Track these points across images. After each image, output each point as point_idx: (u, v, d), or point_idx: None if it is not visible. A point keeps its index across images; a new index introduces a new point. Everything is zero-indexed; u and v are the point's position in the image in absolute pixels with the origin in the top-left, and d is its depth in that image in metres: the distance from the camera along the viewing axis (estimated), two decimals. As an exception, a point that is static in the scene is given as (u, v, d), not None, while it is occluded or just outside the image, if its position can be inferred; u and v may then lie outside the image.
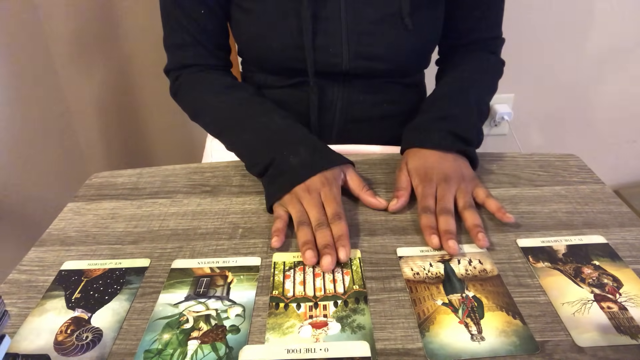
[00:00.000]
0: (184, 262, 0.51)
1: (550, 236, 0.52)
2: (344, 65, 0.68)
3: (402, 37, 0.67)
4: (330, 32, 0.66)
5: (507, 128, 1.48)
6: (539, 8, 1.29)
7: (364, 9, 0.66)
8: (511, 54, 0.77)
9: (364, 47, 0.67)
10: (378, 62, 0.69)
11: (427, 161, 0.60)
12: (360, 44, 0.67)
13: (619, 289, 0.45)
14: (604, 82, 1.42)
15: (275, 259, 0.51)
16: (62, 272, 0.50)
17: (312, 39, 0.66)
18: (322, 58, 0.68)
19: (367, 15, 0.66)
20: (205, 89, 0.71)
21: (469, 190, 0.57)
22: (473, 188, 0.58)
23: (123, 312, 0.45)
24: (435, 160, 0.60)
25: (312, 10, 0.65)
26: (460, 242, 0.52)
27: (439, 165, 0.59)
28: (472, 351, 0.40)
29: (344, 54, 0.67)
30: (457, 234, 0.52)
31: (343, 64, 0.68)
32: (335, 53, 0.67)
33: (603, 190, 0.60)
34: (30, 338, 0.43)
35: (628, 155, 1.55)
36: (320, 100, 0.72)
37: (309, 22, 0.65)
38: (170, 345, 0.41)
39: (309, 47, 0.66)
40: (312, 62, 0.67)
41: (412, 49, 0.70)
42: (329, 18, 0.66)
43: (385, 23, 0.66)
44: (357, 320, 0.43)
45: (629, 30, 1.34)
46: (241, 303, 0.45)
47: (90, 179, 0.67)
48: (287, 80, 0.73)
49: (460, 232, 0.53)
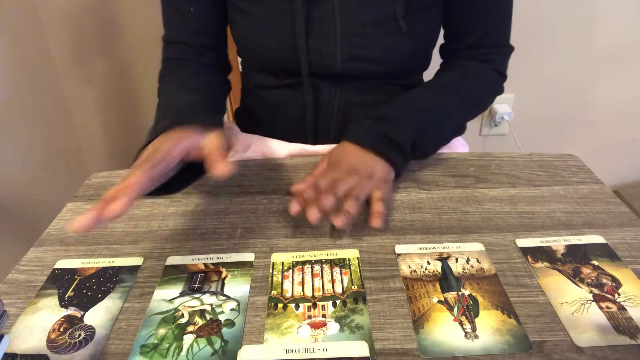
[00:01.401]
0: (178, 258, 0.51)
1: (549, 236, 0.52)
2: (338, 67, 0.68)
3: (396, 39, 0.67)
4: (325, 34, 0.66)
5: (507, 128, 1.48)
6: (539, 8, 1.29)
7: (358, 11, 0.66)
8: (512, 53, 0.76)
9: (357, 49, 0.67)
10: (372, 64, 0.69)
11: (343, 152, 0.60)
12: (354, 46, 0.67)
13: (617, 289, 0.45)
14: (604, 82, 1.42)
15: (273, 259, 0.51)
16: (56, 271, 0.50)
17: (305, 40, 0.66)
18: (315, 59, 0.68)
19: (361, 18, 0.66)
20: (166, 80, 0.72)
21: (367, 189, 0.56)
22: (373, 188, 0.56)
23: (116, 310, 0.45)
24: (352, 153, 0.60)
25: (306, 11, 0.65)
26: (459, 242, 0.52)
27: (351, 158, 0.59)
28: (465, 349, 0.40)
29: (337, 55, 0.68)
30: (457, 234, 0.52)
31: (337, 66, 0.68)
32: (329, 54, 0.68)
33: (602, 190, 0.60)
34: (23, 336, 0.43)
35: (628, 155, 1.55)
36: (316, 101, 0.72)
37: (302, 23, 0.65)
38: (166, 339, 0.42)
39: (303, 48, 0.66)
40: (306, 63, 0.68)
41: (407, 51, 0.70)
42: (323, 20, 0.66)
43: (379, 25, 0.66)
44: (355, 320, 0.43)
45: (629, 30, 1.34)
46: (236, 298, 0.46)
47: (90, 179, 0.67)
48: (284, 81, 0.73)
49: (460, 232, 0.53)
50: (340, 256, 0.51)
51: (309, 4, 0.65)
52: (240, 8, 0.69)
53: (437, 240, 0.52)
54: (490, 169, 0.65)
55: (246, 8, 0.68)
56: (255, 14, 0.68)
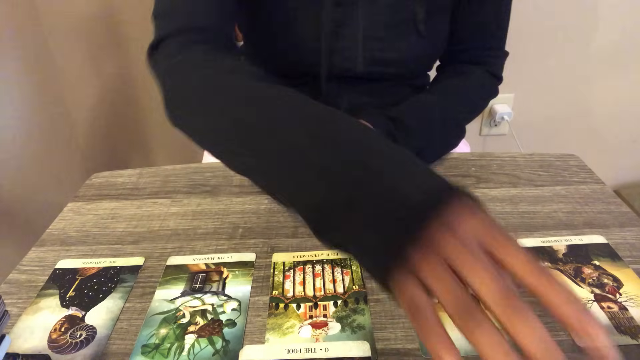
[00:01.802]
0: (179, 258, 0.51)
1: (551, 236, 0.52)
2: (358, 69, 0.68)
3: (415, 42, 0.67)
4: (348, 37, 0.66)
5: (507, 128, 1.48)
6: (539, 8, 1.29)
7: (380, 13, 0.65)
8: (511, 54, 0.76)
9: (378, 52, 0.67)
10: (390, 67, 0.69)
11: None
12: (375, 49, 0.67)
13: (619, 289, 0.45)
14: (604, 82, 1.42)
15: (274, 259, 0.51)
16: (57, 271, 0.50)
17: (329, 43, 0.65)
18: (337, 62, 0.67)
19: (383, 20, 0.66)
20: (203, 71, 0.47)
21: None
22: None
23: (117, 310, 0.45)
24: None
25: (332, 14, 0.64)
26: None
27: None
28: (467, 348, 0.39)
29: (358, 58, 0.67)
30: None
31: (357, 68, 0.68)
32: (350, 57, 0.67)
33: (603, 190, 0.60)
34: (24, 336, 0.43)
35: (628, 155, 1.55)
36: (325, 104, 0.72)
37: (329, 26, 0.64)
38: (168, 339, 0.42)
39: (326, 50, 0.66)
40: (327, 66, 0.67)
41: (424, 54, 0.70)
42: (347, 23, 0.65)
43: (399, 28, 0.66)
44: (357, 320, 0.43)
45: (629, 30, 1.34)
46: (237, 297, 0.46)
47: (90, 179, 0.67)
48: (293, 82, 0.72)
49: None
50: (341, 256, 0.50)
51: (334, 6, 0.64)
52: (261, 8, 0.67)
53: (438, 240, 0.52)
54: (492, 168, 0.65)
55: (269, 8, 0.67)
56: (277, 14, 0.66)
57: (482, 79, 0.74)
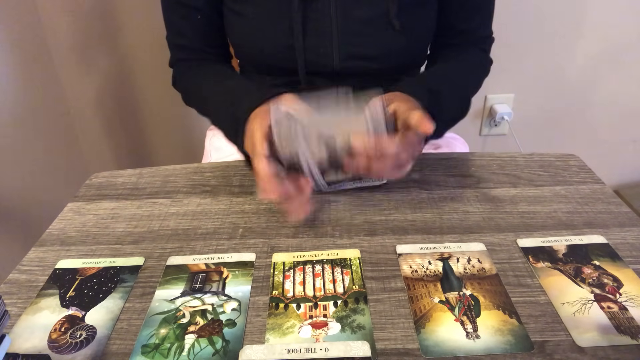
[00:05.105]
0: (179, 258, 0.51)
1: (551, 236, 0.52)
2: (335, 65, 0.69)
3: (390, 37, 0.68)
4: (321, 33, 0.67)
5: (507, 128, 1.48)
6: (539, 8, 1.29)
7: (353, 9, 0.66)
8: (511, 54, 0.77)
9: (354, 48, 0.68)
10: (368, 62, 0.69)
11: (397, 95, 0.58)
12: (350, 44, 0.68)
13: (619, 289, 0.45)
14: (604, 82, 1.42)
15: (274, 259, 0.51)
16: (57, 271, 0.50)
17: (302, 39, 0.66)
18: (312, 58, 0.68)
19: (357, 16, 0.66)
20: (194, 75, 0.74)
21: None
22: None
23: (117, 310, 0.45)
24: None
25: (303, 11, 0.65)
26: (460, 242, 0.52)
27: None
28: (467, 349, 0.40)
29: (334, 54, 0.68)
30: (459, 234, 0.52)
31: (334, 64, 0.69)
32: (325, 53, 0.68)
33: (603, 190, 0.60)
34: (24, 336, 0.43)
35: (628, 155, 1.55)
36: None
37: (299, 23, 0.65)
38: (168, 339, 0.42)
39: (300, 47, 0.67)
40: (303, 62, 0.68)
41: (402, 48, 0.70)
42: (319, 19, 0.66)
43: (373, 23, 0.67)
44: (357, 320, 0.43)
45: (628, 30, 1.34)
46: (237, 298, 0.46)
47: (90, 179, 0.67)
48: (280, 80, 0.73)
49: (461, 232, 0.53)
50: (342, 256, 0.51)
51: (305, 3, 0.65)
52: (233, 10, 0.70)
53: (438, 240, 0.52)
54: (492, 168, 0.65)
55: (240, 10, 0.69)
56: (249, 15, 0.68)
57: (479, 57, 0.77)
